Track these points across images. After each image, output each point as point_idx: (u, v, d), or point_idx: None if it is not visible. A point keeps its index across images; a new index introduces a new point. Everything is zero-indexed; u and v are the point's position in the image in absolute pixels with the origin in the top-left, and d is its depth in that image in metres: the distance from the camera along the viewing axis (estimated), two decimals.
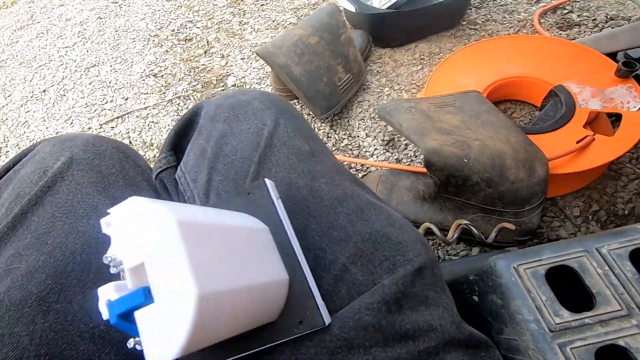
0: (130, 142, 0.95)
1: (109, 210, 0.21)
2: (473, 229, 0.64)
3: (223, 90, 1.01)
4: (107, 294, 0.19)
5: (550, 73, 0.77)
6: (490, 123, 0.65)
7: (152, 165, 0.41)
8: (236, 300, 0.20)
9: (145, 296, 0.18)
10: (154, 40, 1.19)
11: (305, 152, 0.33)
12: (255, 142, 0.33)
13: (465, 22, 1.03)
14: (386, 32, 0.95)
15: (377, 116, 0.89)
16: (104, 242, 0.30)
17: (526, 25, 1.00)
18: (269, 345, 0.25)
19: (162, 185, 0.38)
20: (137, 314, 0.18)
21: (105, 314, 0.19)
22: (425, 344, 0.25)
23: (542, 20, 1.00)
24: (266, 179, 0.29)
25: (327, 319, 0.25)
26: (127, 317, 0.19)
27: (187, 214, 0.20)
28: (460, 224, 0.66)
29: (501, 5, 1.06)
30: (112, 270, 0.20)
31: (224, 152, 0.34)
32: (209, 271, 0.18)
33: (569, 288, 0.28)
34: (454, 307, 0.28)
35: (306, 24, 0.78)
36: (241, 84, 1.02)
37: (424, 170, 0.73)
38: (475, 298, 0.33)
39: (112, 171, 0.35)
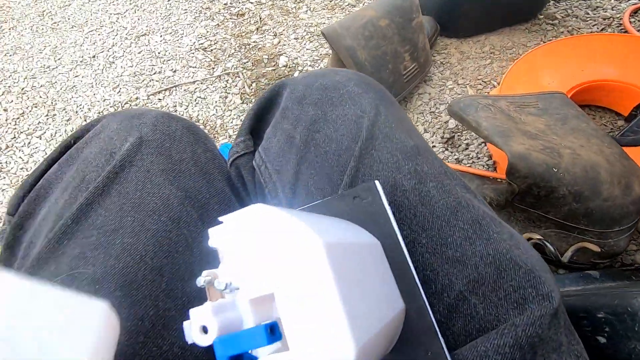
0: None
1: (221, 219, 0.17)
2: (548, 244, 0.58)
3: (274, 70, 0.97)
4: (203, 318, 0.15)
5: None
6: (580, 130, 0.58)
7: None
8: (376, 343, 0.16)
9: (268, 336, 0.14)
10: (205, 13, 1.15)
11: (410, 149, 0.28)
12: (354, 132, 0.29)
13: (542, 16, 0.94)
14: (456, 20, 0.88)
15: (440, 111, 0.83)
16: (177, 243, 0.27)
17: (612, 24, 0.90)
18: None
19: (238, 173, 0.34)
20: None
21: (198, 341, 0.15)
22: None
23: (632, 20, 0.90)
24: (377, 182, 0.24)
25: None
26: (238, 357, 0.15)
27: (326, 233, 0.16)
28: (531, 238, 0.60)
29: (584, 0, 0.96)
30: (200, 283, 0.16)
31: (315, 141, 0.30)
32: (358, 313, 0.14)
33: None
34: (587, 356, 0.24)
35: (378, 4, 0.72)
36: (293, 65, 0.97)
37: (492, 174, 0.66)
38: (602, 339, 0.28)
39: (184, 157, 0.32)
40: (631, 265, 0.65)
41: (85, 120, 0.97)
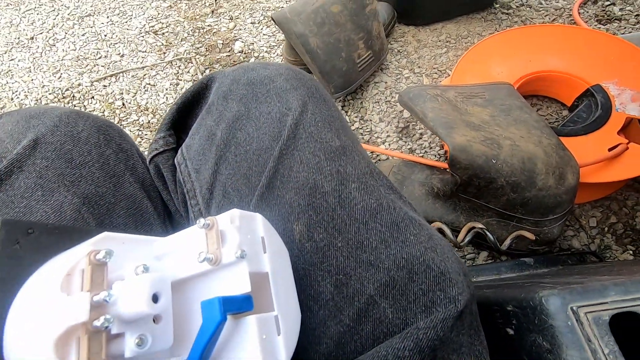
0: (123, 104, 0.87)
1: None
2: (488, 234, 0.59)
3: (229, 56, 0.93)
4: None
5: (588, 70, 0.70)
6: (522, 121, 0.59)
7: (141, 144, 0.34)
8: None
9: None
10: None
11: (335, 149, 0.27)
12: (276, 131, 0.28)
13: (498, 5, 0.94)
14: (414, 7, 0.87)
15: (395, 100, 0.82)
16: None
17: (563, 14, 0.93)
18: None
19: (157, 171, 0.32)
20: None
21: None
22: None
23: (581, 11, 0.92)
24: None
25: None
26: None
27: None
28: (474, 227, 0.61)
29: None
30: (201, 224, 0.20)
31: (236, 140, 0.28)
32: None
33: (633, 337, 0.24)
34: (488, 355, 0.24)
35: None
36: (249, 50, 0.94)
37: (441, 165, 0.67)
38: (510, 331, 0.29)
39: (87, 160, 0.29)
40: (568, 250, 0.68)
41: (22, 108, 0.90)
